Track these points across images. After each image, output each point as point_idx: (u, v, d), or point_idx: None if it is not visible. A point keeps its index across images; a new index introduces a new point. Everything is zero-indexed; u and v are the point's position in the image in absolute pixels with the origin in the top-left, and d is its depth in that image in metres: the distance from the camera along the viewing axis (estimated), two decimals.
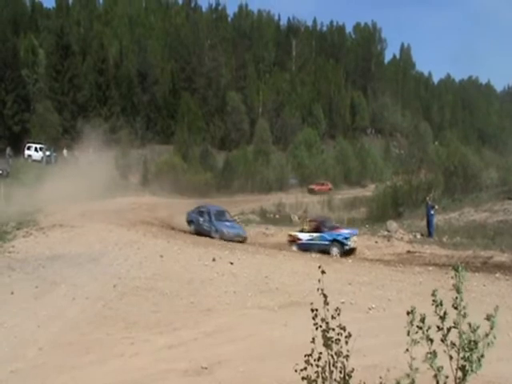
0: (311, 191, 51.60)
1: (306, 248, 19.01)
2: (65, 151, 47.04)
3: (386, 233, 21.67)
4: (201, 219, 22.58)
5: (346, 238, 19.11)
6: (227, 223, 22.39)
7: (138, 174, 45.37)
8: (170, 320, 8.98)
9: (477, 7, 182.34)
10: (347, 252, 18.89)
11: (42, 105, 49.08)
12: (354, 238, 19.59)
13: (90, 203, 27.34)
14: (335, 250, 18.89)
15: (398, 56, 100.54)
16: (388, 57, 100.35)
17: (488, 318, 2.75)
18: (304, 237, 20.15)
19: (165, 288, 11.20)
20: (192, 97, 64.65)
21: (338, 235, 19.32)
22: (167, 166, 46.01)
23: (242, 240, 21.15)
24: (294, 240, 20.41)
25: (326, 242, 19.21)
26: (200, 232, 22.06)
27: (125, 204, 30.68)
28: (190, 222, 23.51)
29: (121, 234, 18.49)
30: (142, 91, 60.81)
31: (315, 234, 19.80)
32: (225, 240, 20.14)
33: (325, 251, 18.49)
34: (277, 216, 31.76)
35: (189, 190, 41.81)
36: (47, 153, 44.04)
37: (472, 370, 2.65)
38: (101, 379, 6.49)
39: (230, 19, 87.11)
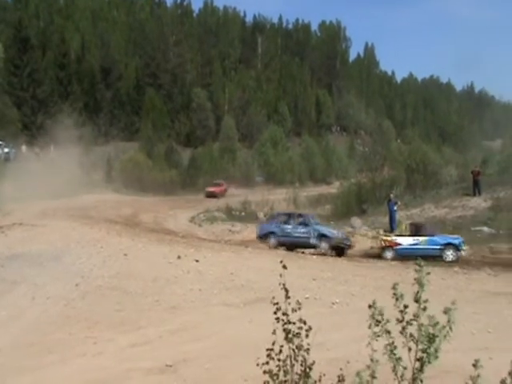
0: (211, 195, 42.98)
1: (407, 254, 16.32)
2: (23, 147, 45.72)
3: (350, 229, 22.00)
4: (288, 227, 18.90)
5: (463, 243, 17.45)
6: (324, 226, 19.46)
7: (102, 171, 44.58)
8: (134, 319, 8.89)
9: (438, 8, 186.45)
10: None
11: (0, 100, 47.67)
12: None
13: (52, 201, 26.75)
14: (450, 256, 17.03)
15: (362, 55, 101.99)
16: (352, 55, 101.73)
17: (446, 311, 2.82)
18: (405, 241, 17.72)
19: (129, 286, 11.07)
20: (157, 93, 63.93)
21: (455, 239, 17.63)
22: (131, 163, 45.36)
23: (348, 247, 18.57)
24: (389, 246, 17.86)
25: (438, 247, 17.25)
26: (289, 244, 18.51)
27: (88, 202, 30.15)
28: (266, 235, 19.34)
29: (84, 232, 18.16)
30: (106, 87, 59.77)
31: (422, 238, 17.54)
32: (330, 248, 17.85)
33: (433, 257, 16.23)
34: (242, 213, 31.81)
35: (153, 188, 41.40)
36: (6, 149, 42.78)
37: (429, 362, 2.73)
38: (63, 380, 6.38)
39: (195, 15, 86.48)
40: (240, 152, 61.41)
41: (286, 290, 3.23)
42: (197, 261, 13.78)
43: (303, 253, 17.93)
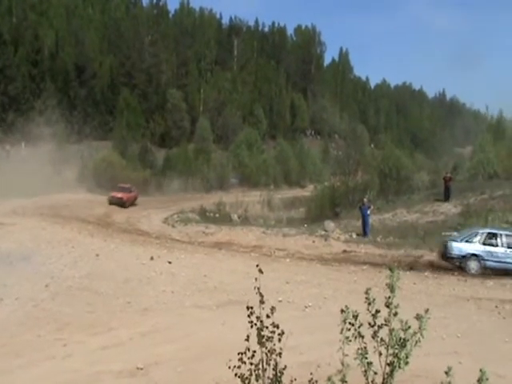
0: (118, 202, 33.61)
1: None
2: None
3: (323, 232, 22.13)
4: (498, 249, 15.46)
5: None
6: None
7: (75, 170, 43.89)
8: (105, 320, 8.77)
9: (411, 16, 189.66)
10: None
11: None
12: None
13: (22, 200, 26.26)
14: None
15: (336, 60, 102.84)
16: (327, 60, 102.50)
17: (418, 317, 2.86)
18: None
19: (100, 287, 10.93)
20: (131, 93, 63.32)
21: None
22: (105, 162, 44.77)
23: None
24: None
25: None
26: (499, 270, 15.19)
27: (60, 201, 29.67)
28: (462, 258, 15.70)
29: (55, 232, 17.88)
30: (79, 85, 58.89)
31: None
32: None
33: None
34: (217, 215, 31.71)
35: None
36: None
37: (399, 367, 2.76)
38: (31, 383, 6.25)
39: (171, 16, 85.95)
40: (215, 153, 61.26)
41: (261, 295, 3.24)
42: (170, 262, 13.70)
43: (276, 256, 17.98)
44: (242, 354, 3.17)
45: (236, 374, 3.10)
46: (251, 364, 3.11)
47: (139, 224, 26.08)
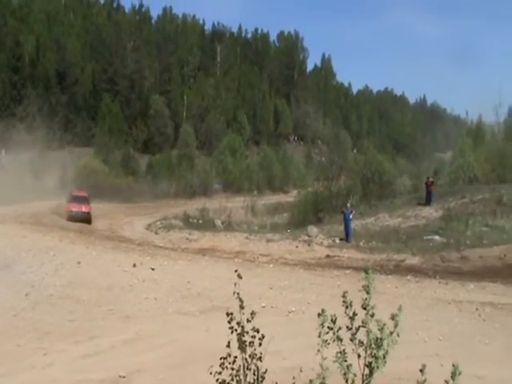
0: (83, 218, 26.92)
1: None
2: None
3: (306, 238, 22.19)
4: None
5: None
6: None
7: (56, 178, 43.47)
8: (87, 328, 8.67)
9: (393, 22, 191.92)
10: None
11: None
12: None
13: (2, 207, 25.89)
14: None
15: (319, 66, 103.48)
16: (310, 66, 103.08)
17: (392, 317, 2.89)
18: None
19: (82, 295, 10.81)
20: (114, 99, 63.01)
21: None
22: (87, 169, 44.44)
23: None
24: None
25: None
26: None
27: (41, 208, 29.32)
28: None
29: (36, 240, 17.66)
30: (61, 91, 58.49)
31: None
32: None
33: None
34: (200, 221, 31.61)
35: (110, 195, 40.64)
36: None
37: (377, 367, 2.78)
38: None
39: (153, 22, 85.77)
40: (198, 159, 61.20)
41: (241, 300, 3.24)
42: (153, 269, 13.62)
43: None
44: (223, 359, 3.16)
45: (217, 380, 3.09)
46: (232, 369, 3.11)
47: (122, 231, 25.90)
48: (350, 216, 22.29)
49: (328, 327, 2.87)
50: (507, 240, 18.82)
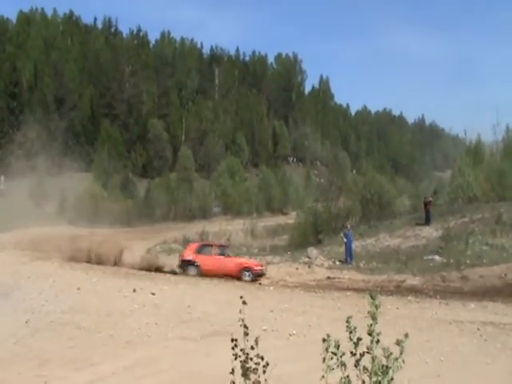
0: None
1: None
2: None
3: (306, 259, 22.14)
4: None
5: None
6: None
7: (55, 203, 43.50)
8: (87, 355, 8.62)
9: (390, 43, 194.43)
10: None
11: None
12: None
13: (1, 234, 25.87)
14: None
15: (317, 87, 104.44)
16: (308, 88, 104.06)
17: (398, 343, 2.90)
18: None
19: (82, 322, 10.75)
20: (112, 123, 63.48)
21: None
22: (86, 194, 44.53)
23: None
24: None
25: None
26: None
27: (40, 234, 29.26)
28: None
29: (35, 267, 17.61)
30: (59, 117, 58.95)
31: None
32: None
33: None
34: None
35: (109, 219, 40.67)
36: None
37: None
38: None
39: (151, 46, 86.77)
40: (197, 182, 61.37)
41: (246, 327, 3.25)
42: (153, 294, 13.55)
43: (260, 283, 17.94)
44: None
45: None
46: None
47: (121, 256, 25.79)
48: (352, 237, 22.32)
49: (332, 352, 2.89)
50: (507, 259, 18.79)
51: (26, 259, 18.99)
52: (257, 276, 19.03)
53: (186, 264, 19.44)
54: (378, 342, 2.89)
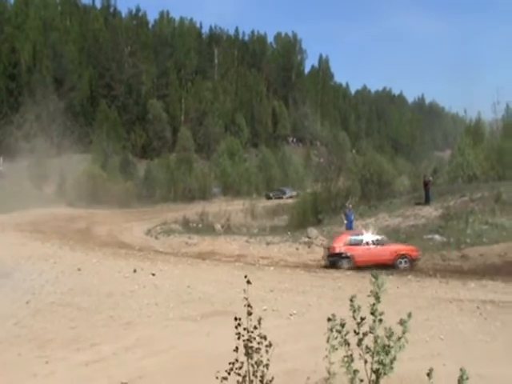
0: None
1: None
2: None
3: (306, 239, 22.17)
4: None
5: None
6: None
7: (54, 184, 43.42)
8: (88, 335, 8.64)
9: (390, 22, 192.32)
10: None
11: None
12: None
13: (1, 216, 25.87)
14: None
15: (317, 67, 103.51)
16: (308, 67, 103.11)
17: (401, 322, 2.87)
18: None
19: (82, 302, 10.78)
20: (111, 104, 63.05)
21: None
22: (85, 175, 44.39)
23: None
24: None
25: None
26: None
27: (39, 216, 29.29)
28: None
29: (35, 248, 17.64)
30: (58, 98, 58.46)
31: None
32: None
33: None
34: (199, 225, 31.56)
35: (108, 200, 40.66)
36: None
37: (385, 373, 2.76)
38: None
39: (150, 26, 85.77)
40: (197, 163, 61.24)
41: (250, 306, 3.22)
42: (153, 274, 13.58)
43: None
44: (232, 364, 3.15)
45: None
46: (238, 375, 3.10)
47: (121, 236, 25.87)
48: (352, 216, 22.32)
49: (337, 330, 2.86)
50: (507, 238, 18.82)
51: (25, 240, 19.00)
52: (413, 262, 17.52)
53: (336, 257, 17.68)
54: (380, 321, 2.86)
